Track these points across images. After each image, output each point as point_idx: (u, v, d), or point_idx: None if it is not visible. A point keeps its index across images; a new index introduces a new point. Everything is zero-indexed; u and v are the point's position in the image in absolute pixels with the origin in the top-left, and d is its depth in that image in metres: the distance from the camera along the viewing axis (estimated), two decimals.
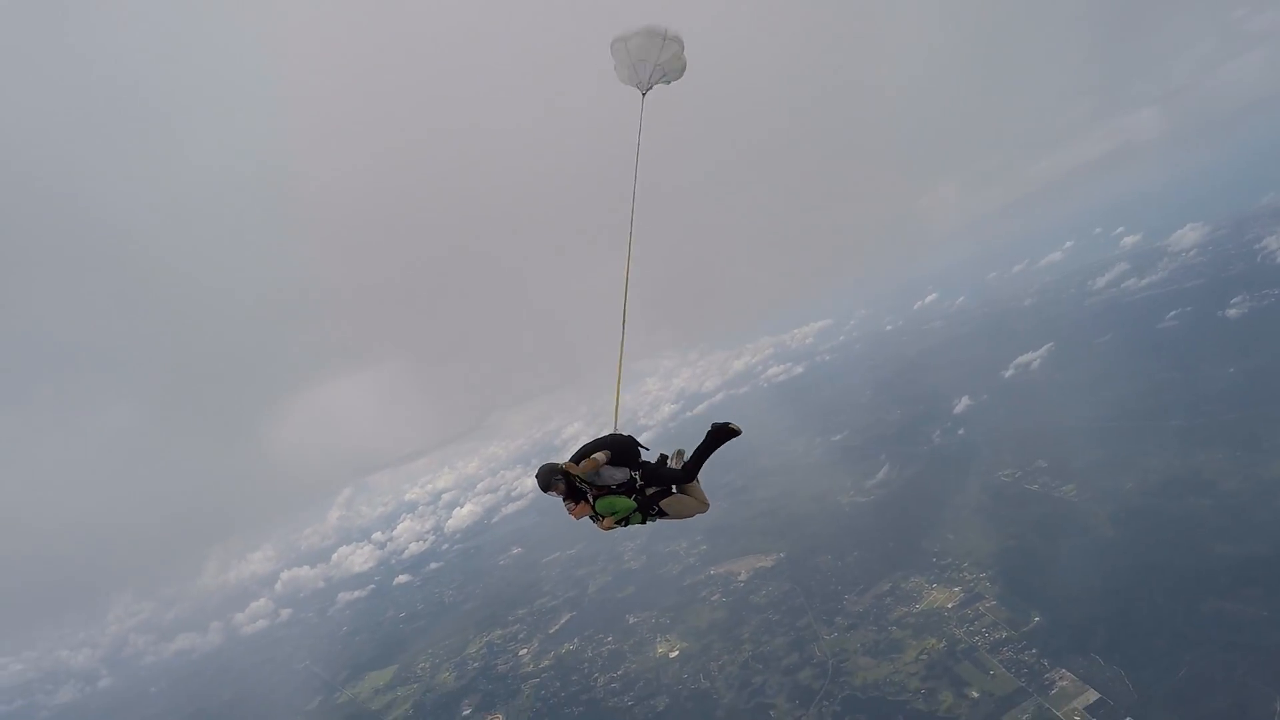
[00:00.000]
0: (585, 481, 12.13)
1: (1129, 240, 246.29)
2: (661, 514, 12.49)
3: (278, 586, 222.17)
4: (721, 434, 12.50)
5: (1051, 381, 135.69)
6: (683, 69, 13.47)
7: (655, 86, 13.42)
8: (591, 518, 12.30)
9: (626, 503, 12.33)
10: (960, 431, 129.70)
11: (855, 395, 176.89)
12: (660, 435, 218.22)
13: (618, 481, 12.33)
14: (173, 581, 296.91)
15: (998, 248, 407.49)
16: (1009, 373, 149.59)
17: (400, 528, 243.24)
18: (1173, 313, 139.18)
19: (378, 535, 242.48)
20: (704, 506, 12.73)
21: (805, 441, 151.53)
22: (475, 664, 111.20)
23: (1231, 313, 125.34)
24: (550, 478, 11.95)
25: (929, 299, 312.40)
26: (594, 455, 12.23)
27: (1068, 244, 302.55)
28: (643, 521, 12.57)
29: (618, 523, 12.39)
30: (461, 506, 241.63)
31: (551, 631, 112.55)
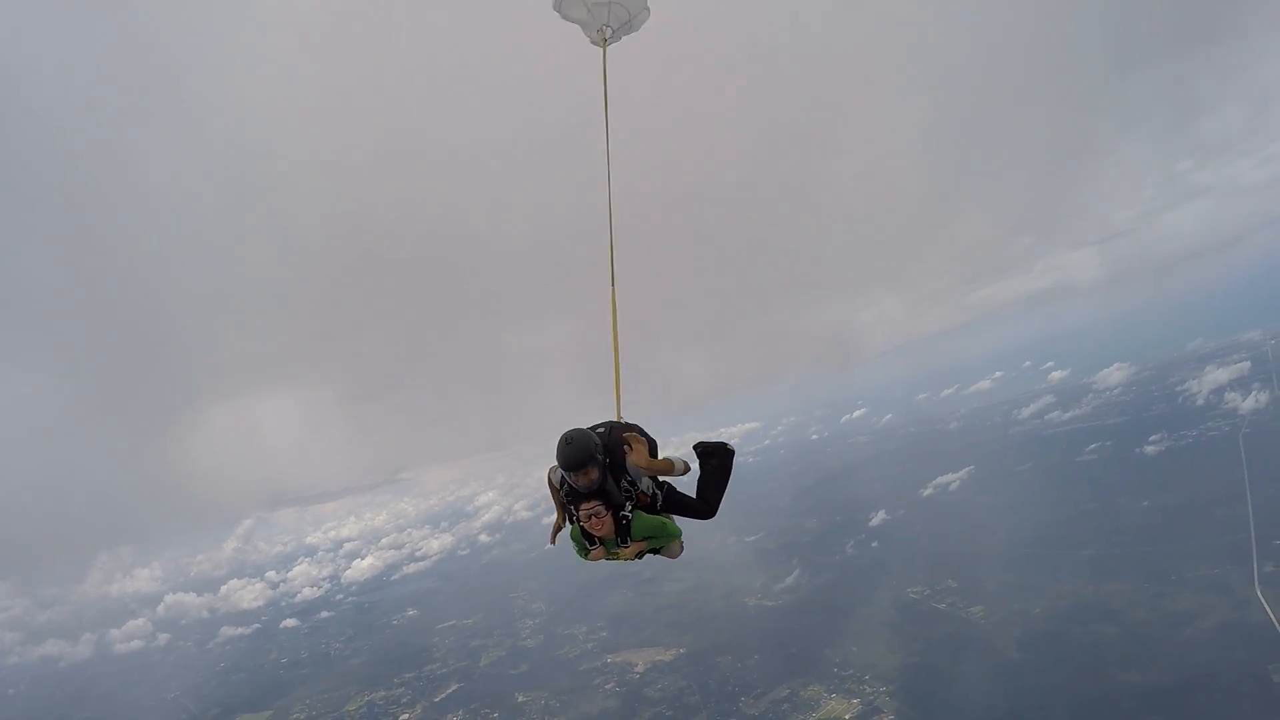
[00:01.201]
0: (630, 480, 9.03)
1: (1056, 375, 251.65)
2: (655, 552, 9.56)
3: (160, 609, 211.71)
4: (728, 456, 9.90)
5: (969, 503, 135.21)
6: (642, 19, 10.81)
7: (613, 41, 10.77)
8: (592, 541, 8.99)
9: (675, 529, 9.35)
10: (874, 544, 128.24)
11: (774, 499, 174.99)
12: None
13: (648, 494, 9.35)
14: (54, 582, 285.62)
15: (930, 370, 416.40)
16: (928, 491, 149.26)
17: (296, 570, 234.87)
18: (1093, 446, 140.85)
19: (271, 574, 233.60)
20: (679, 554, 9.95)
21: (719, 539, 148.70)
22: None
23: (1150, 450, 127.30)
24: (592, 452, 8.52)
25: (857, 414, 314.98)
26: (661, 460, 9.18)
27: (997, 374, 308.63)
28: (640, 556, 9.48)
29: (620, 560, 9.32)
30: (362, 559, 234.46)
31: (436, 700, 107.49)
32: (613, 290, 9.98)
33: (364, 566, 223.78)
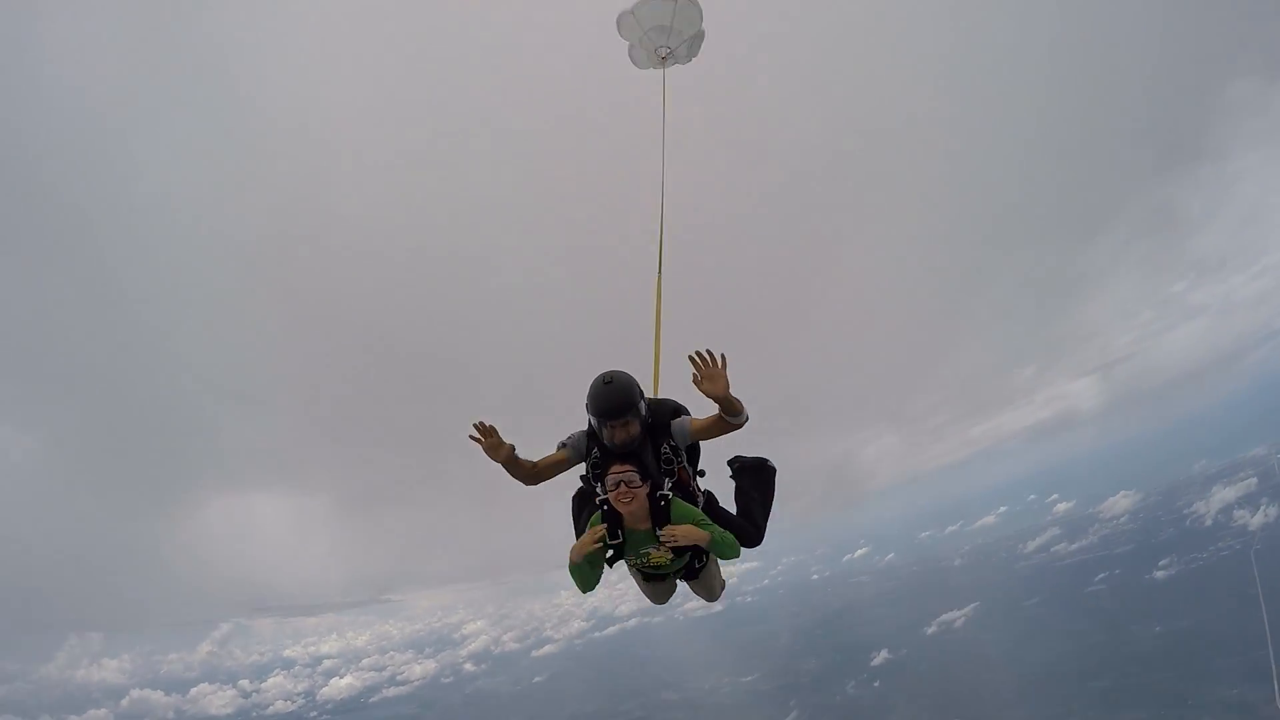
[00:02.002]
0: (672, 447, 7.22)
1: (1061, 507, 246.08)
2: (691, 575, 8.01)
3: (124, 702, 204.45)
4: (770, 474, 8.11)
5: (975, 640, 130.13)
6: (700, 35, 11.03)
7: (675, 65, 11.15)
8: (615, 532, 7.00)
9: (731, 537, 7.20)
10: (876, 684, 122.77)
11: (773, 640, 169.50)
12: (566, 651, 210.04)
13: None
14: (18, 658, 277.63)
15: (933, 507, 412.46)
16: (932, 629, 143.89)
17: (271, 681, 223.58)
18: (1101, 575, 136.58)
19: (245, 683, 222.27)
20: (720, 593, 8.95)
21: (714, 680, 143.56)
22: None
23: (1159, 575, 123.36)
24: (635, 398, 6.93)
25: (859, 553, 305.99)
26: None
27: (1002, 508, 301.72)
28: (680, 574, 7.97)
29: (650, 570, 7.54)
30: (341, 677, 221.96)
31: None
32: (658, 279, 9.30)
33: (342, 685, 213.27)
